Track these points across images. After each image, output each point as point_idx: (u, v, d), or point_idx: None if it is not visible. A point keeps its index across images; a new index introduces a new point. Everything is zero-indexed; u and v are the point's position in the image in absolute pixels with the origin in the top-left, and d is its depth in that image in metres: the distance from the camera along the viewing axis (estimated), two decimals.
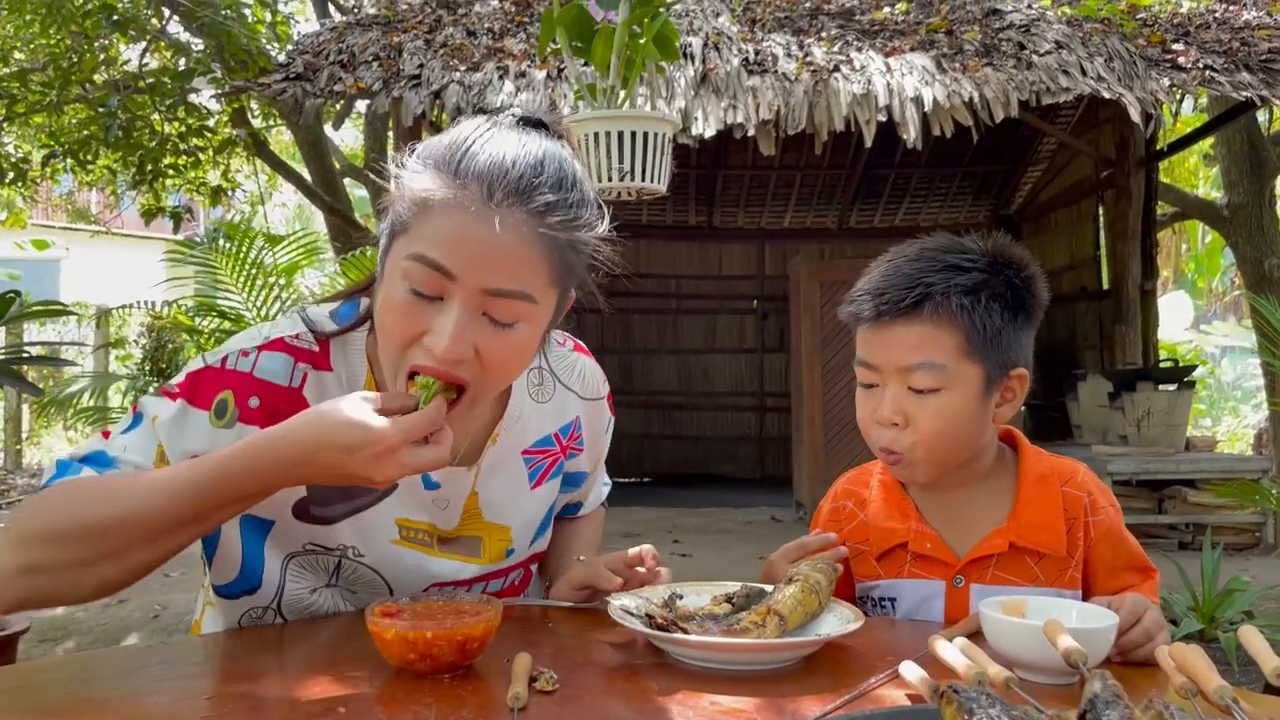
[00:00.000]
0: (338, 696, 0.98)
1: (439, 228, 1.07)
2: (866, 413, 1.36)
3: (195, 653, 1.16)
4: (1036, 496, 1.36)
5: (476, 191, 1.06)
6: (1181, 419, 6.15)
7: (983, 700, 0.77)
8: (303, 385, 1.21)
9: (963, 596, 1.34)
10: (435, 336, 1.08)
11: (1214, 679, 0.89)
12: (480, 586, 1.35)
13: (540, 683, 1.00)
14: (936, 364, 1.29)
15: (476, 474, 1.31)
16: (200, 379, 1.20)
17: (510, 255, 1.08)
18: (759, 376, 9.70)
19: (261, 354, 1.21)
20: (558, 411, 1.40)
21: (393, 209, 1.12)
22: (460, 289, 1.07)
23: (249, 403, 1.19)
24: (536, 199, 1.08)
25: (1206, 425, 11.26)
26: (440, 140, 1.13)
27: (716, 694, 1.00)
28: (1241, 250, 7.64)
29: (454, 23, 5.67)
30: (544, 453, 1.38)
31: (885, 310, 1.31)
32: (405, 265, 1.08)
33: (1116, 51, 5.13)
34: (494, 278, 1.08)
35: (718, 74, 5.08)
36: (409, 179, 1.10)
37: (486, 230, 1.06)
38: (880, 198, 9.47)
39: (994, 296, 1.31)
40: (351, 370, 1.24)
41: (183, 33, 7.96)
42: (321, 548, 1.26)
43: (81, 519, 1.07)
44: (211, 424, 1.18)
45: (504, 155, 1.09)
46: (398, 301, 1.09)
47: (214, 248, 4.93)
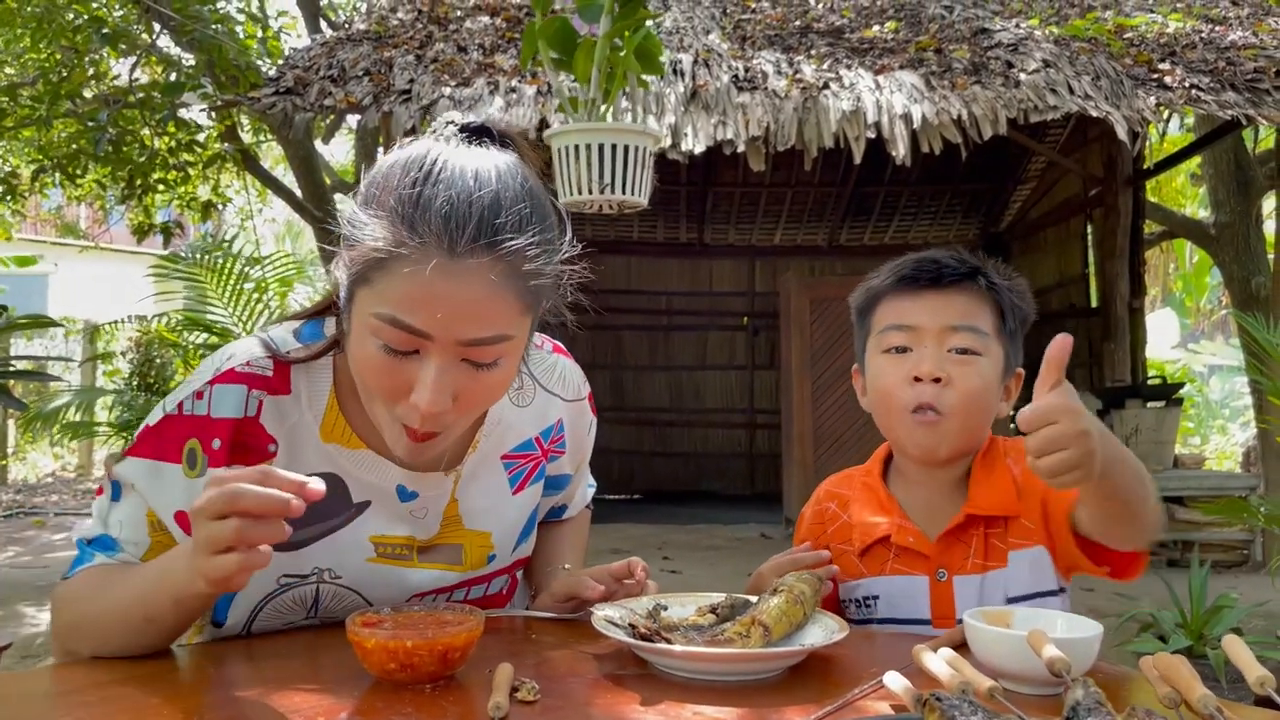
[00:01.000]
0: (317, 707, 0.97)
1: (403, 288, 1.03)
2: (899, 375, 1.37)
3: (173, 664, 1.15)
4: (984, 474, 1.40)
5: (437, 246, 1.02)
6: (1169, 436, 6.17)
7: (965, 708, 0.77)
8: (259, 414, 1.19)
9: (946, 590, 1.35)
10: (418, 393, 1.06)
11: (1197, 688, 0.88)
12: (463, 593, 1.33)
13: (522, 693, 0.99)
14: (981, 329, 1.37)
15: (456, 480, 1.30)
16: (164, 431, 1.18)
17: (480, 305, 1.05)
18: (749, 393, 9.70)
19: (214, 389, 1.18)
20: (539, 415, 1.38)
21: (348, 256, 1.08)
22: (435, 345, 1.05)
23: (213, 445, 1.17)
24: (500, 244, 1.04)
25: (1195, 443, 11.30)
26: (388, 180, 1.08)
27: (699, 704, 0.99)
28: (1229, 269, 7.68)
29: (445, 38, 5.69)
30: (525, 457, 1.36)
31: (944, 273, 1.38)
32: (374, 324, 1.05)
33: (1103, 70, 5.16)
34: (468, 329, 1.05)
35: (708, 90, 5.10)
36: (363, 230, 1.06)
37: (452, 285, 1.03)
38: (871, 215, 9.50)
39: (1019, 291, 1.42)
40: (314, 389, 1.22)
41: (173, 47, 7.97)
42: (297, 577, 1.23)
43: (88, 617, 1.14)
44: (186, 475, 1.16)
45: (458, 199, 1.04)
46: (372, 358, 1.07)
47: (198, 262, 4.92)
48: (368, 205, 1.08)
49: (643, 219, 9.33)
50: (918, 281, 1.39)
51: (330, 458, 1.22)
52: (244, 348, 1.23)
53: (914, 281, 1.40)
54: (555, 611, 1.33)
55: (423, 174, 1.06)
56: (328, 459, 1.22)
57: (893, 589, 1.39)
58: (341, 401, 1.22)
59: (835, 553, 1.43)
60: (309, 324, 1.26)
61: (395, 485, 1.25)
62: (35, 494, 10.08)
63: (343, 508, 1.24)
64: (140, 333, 6.74)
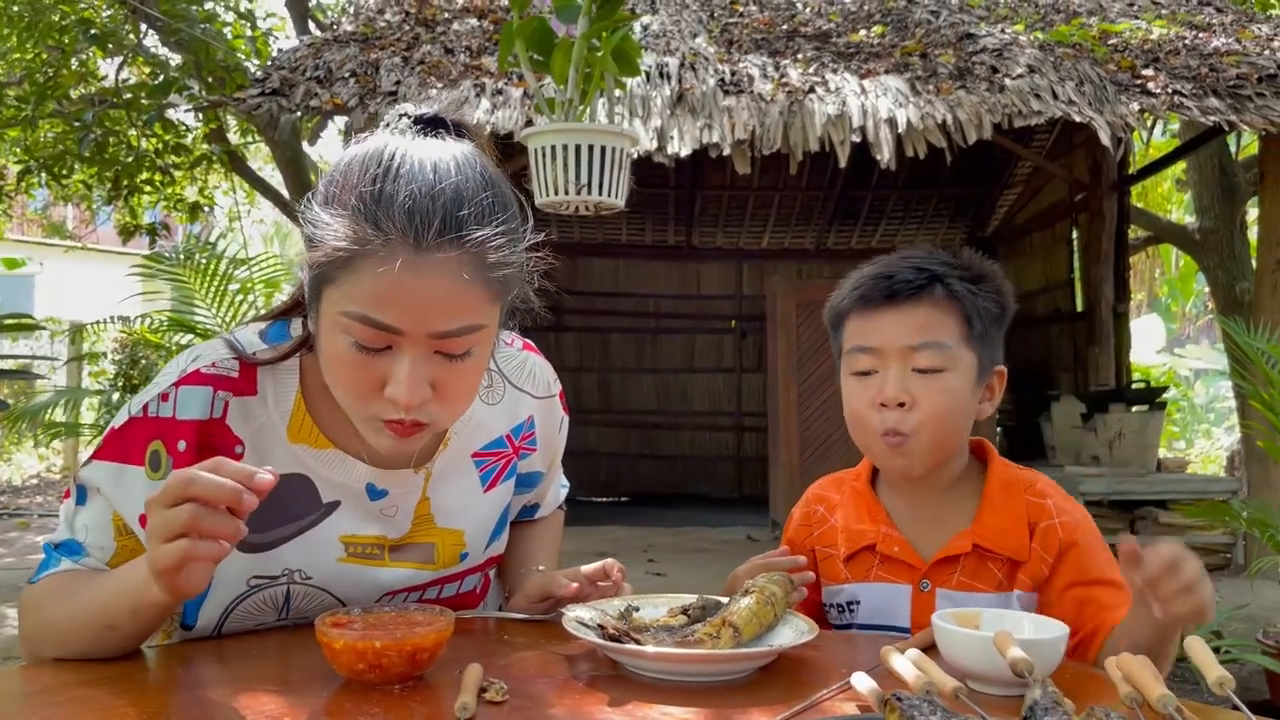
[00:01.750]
0: (284, 707, 0.97)
1: (371, 285, 1.03)
2: (865, 400, 1.36)
3: (142, 664, 1.15)
4: (1001, 502, 1.37)
5: (401, 242, 1.02)
6: (1153, 440, 6.20)
7: (924, 708, 0.78)
8: (225, 415, 1.19)
9: (929, 601, 1.34)
10: (394, 388, 1.07)
11: (1157, 688, 0.89)
12: (435, 591, 1.32)
13: (490, 693, 1.00)
14: (943, 344, 1.33)
15: (427, 478, 1.29)
16: (128, 434, 1.17)
17: (449, 298, 1.05)
18: (737, 396, 9.71)
19: (179, 391, 1.18)
20: (509, 412, 1.38)
21: (312, 256, 1.07)
22: (408, 339, 1.06)
23: (178, 447, 1.16)
24: (466, 236, 1.05)
25: (1180, 447, 11.35)
26: (347, 178, 1.07)
27: (667, 705, 0.99)
28: (1213, 274, 7.73)
29: (432, 40, 5.69)
30: (496, 455, 1.36)
31: (899, 289, 1.35)
32: (344, 322, 1.05)
33: (1087, 76, 5.19)
34: (439, 322, 1.05)
35: (694, 94, 5.11)
36: (325, 229, 1.05)
37: (420, 280, 1.03)
38: (858, 219, 9.53)
39: (988, 290, 1.38)
40: (280, 389, 1.22)
41: (161, 48, 7.94)
42: (267, 578, 1.23)
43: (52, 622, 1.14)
44: (149, 478, 1.16)
45: (420, 192, 1.04)
46: (343, 356, 1.07)
47: (183, 263, 4.91)
48: (328, 204, 1.07)
49: (630, 222, 9.34)
50: (873, 300, 1.36)
51: (298, 458, 1.22)
52: (209, 349, 1.23)
53: (870, 301, 1.37)
54: (528, 612, 1.33)
55: (381, 169, 1.06)
56: (295, 460, 1.22)
57: (875, 596, 1.39)
58: (308, 402, 1.22)
59: (820, 556, 1.44)
60: (275, 325, 1.26)
61: (365, 484, 1.25)
62: (20, 495, 10.03)
63: (312, 508, 1.23)
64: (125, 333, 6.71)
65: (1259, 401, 4.21)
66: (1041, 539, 1.34)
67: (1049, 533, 1.34)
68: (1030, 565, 1.34)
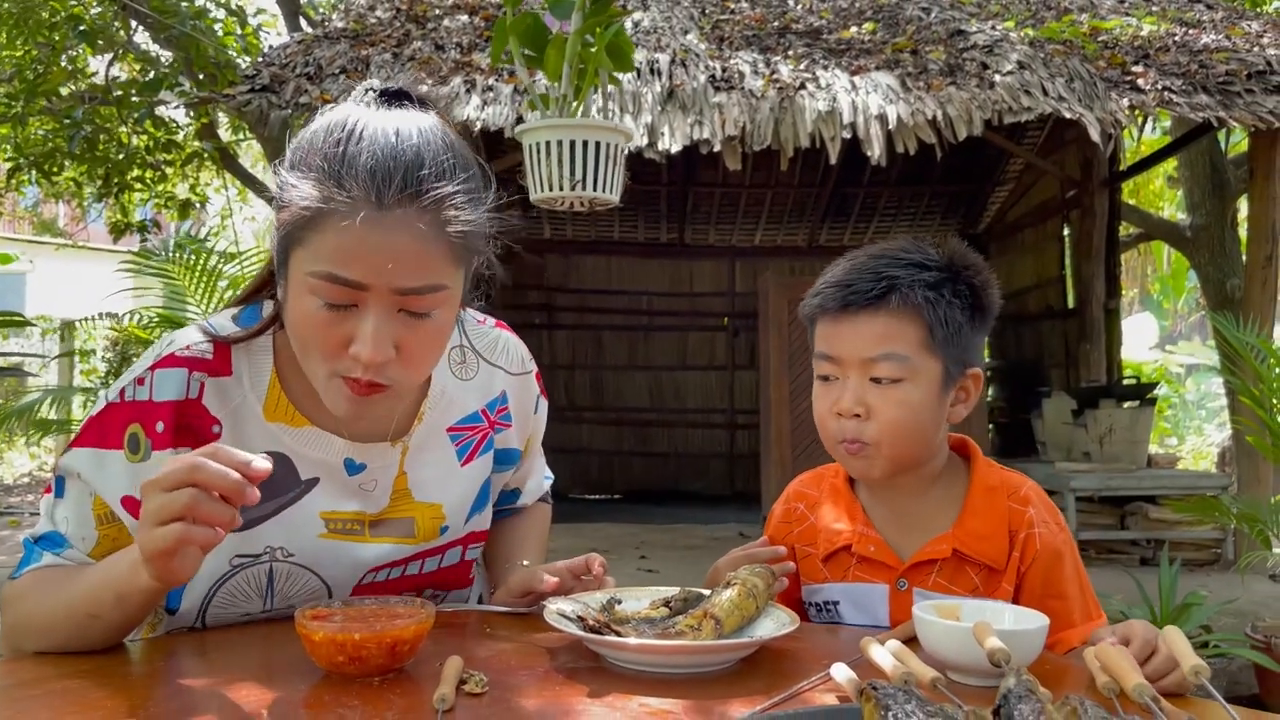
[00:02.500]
0: (264, 699, 0.97)
1: (336, 242, 1.06)
2: (825, 406, 1.35)
3: (122, 658, 1.14)
4: (983, 506, 1.36)
5: (364, 199, 1.06)
6: (1143, 436, 6.21)
7: (899, 697, 0.78)
8: (201, 395, 1.20)
9: (906, 600, 1.33)
10: (358, 345, 1.09)
11: (1133, 678, 0.89)
12: (417, 565, 1.33)
13: (469, 685, 1.00)
14: (900, 355, 1.30)
15: (404, 453, 1.30)
16: (105, 419, 1.19)
17: (412, 254, 1.08)
18: (729, 393, 9.71)
19: (155, 374, 1.20)
20: (483, 388, 1.40)
21: (280, 219, 1.11)
22: (372, 295, 1.08)
23: (156, 429, 1.18)
24: (425, 194, 1.08)
25: (1172, 444, 11.38)
26: (313, 143, 1.11)
27: (647, 696, 0.99)
28: (1204, 271, 7.75)
29: (422, 37, 5.68)
30: (471, 429, 1.38)
31: (852, 300, 1.32)
32: (311, 282, 1.08)
33: (1077, 72, 5.20)
34: (402, 278, 1.08)
35: (684, 90, 5.11)
36: (292, 191, 1.08)
37: (383, 236, 1.06)
38: (850, 216, 9.53)
39: (955, 294, 1.33)
40: (255, 370, 1.24)
41: (152, 45, 7.92)
42: (249, 556, 1.23)
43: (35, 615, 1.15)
44: (128, 460, 1.18)
45: (381, 154, 1.07)
46: (311, 316, 1.09)
47: (172, 259, 4.90)
48: (294, 168, 1.11)
49: (623, 219, 9.34)
50: (830, 310, 1.34)
51: (275, 437, 1.23)
52: (183, 335, 1.25)
53: (828, 310, 1.35)
54: (511, 606, 1.33)
55: (345, 133, 1.10)
56: (272, 438, 1.23)
57: (854, 595, 1.38)
58: (283, 380, 1.24)
59: (800, 555, 1.43)
60: (247, 310, 1.28)
61: (343, 459, 1.26)
62: (11, 494, 10.01)
63: (291, 485, 1.24)
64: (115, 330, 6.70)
65: (1249, 397, 4.22)
66: (1020, 548, 1.33)
67: (1027, 542, 1.33)
68: (1009, 574, 1.33)
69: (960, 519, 1.35)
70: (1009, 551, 1.34)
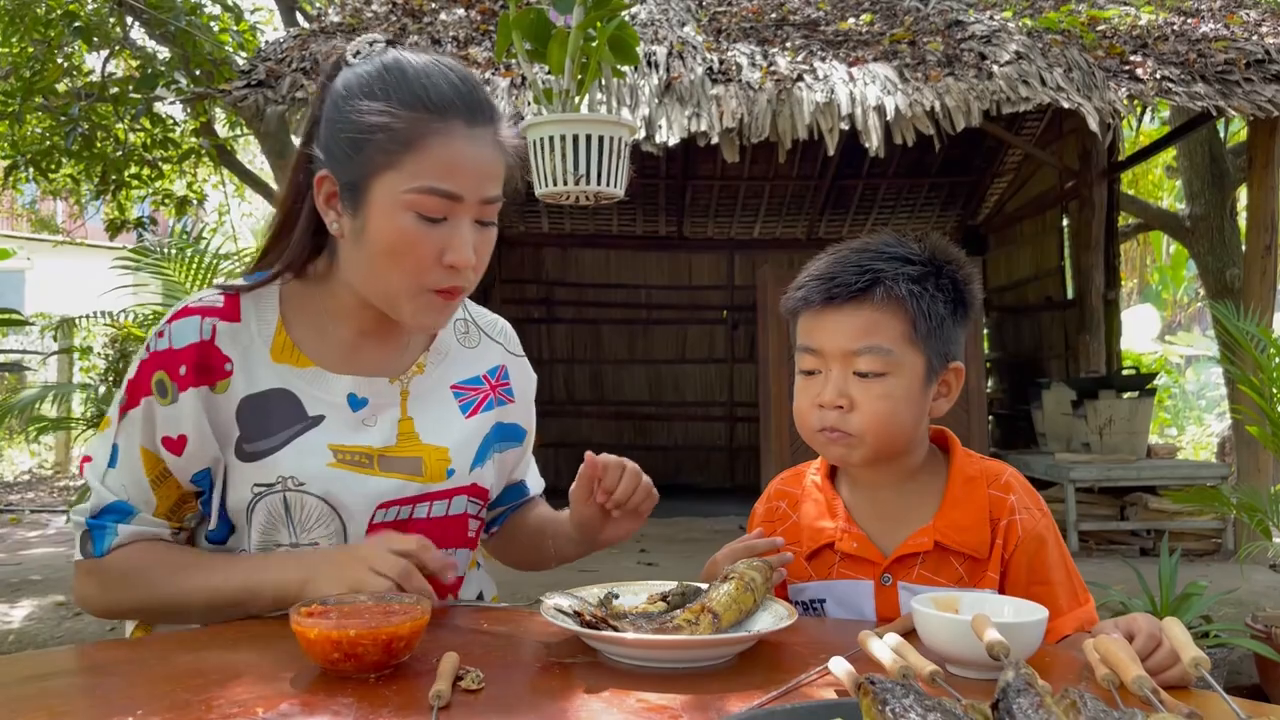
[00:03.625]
0: (258, 697, 0.96)
1: (436, 158, 1.22)
2: (808, 399, 1.35)
3: (116, 655, 1.14)
4: (963, 497, 1.35)
5: (457, 118, 1.23)
6: (1143, 426, 6.21)
7: (897, 691, 0.77)
8: (213, 337, 1.31)
9: (892, 594, 1.33)
10: (456, 253, 1.24)
11: (1133, 670, 0.89)
12: (425, 508, 1.37)
13: (466, 681, 0.99)
14: (883, 348, 1.30)
15: (404, 397, 1.38)
16: (138, 376, 1.31)
17: (493, 165, 1.26)
18: (729, 386, 9.70)
19: (172, 326, 1.31)
20: (484, 356, 1.50)
21: (361, 157, 1.23)
22: (464, 206, 1.24)
23: (179, 372, 1.28)
24: (497, 112, 1.28)
25: (1172, 434, 11.38)
26: (373, 84, 1.25)
27: (644, 691, 0.99)
28: (1204, 261, 7.74)
29: (419, 30, 5.66)
30: (474, 389, 1.47)
31: (837, 293, 1.32)
32: (409, 198, 1.21)
33: (1076, 62, 5.18)
34: (487, 188, 1.25)
35: (682, 82, 5.10)
36: (378, 122, 1.22)
37: (475, 150, 1.24)
38: (849, 208, 9.51)
39: (938, 288, 1.33)
40: (262, 316, 1.34)
41: (148, 42, 7.89)
42: (265, 485, 1.29)
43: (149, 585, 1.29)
44: (160, 404, 1.29)
45: (455, 81, 1.25)
46: (409, 231, 1.23)
47: (168, 256, 4.88)
48: (371, 101, 1.23)
49: (622, 212, 9.32)
50: (813, 302, 1.34)
51: (281, 376, 1.33)
52: (198, 293, 1.38)
53: (811, 302, 1.34)
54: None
55: (403, 71, 1.26)
56: (279, 376, 1.33)
57: (839, 592, 1.37)
58: (288, 325, 1.35)
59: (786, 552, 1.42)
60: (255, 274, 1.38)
61: (346, 395, 1.34)
62: (11, 491, 10.00)
63: (299, 418, 1.32)
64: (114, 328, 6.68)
65: (1248, 386, 4.21)
66: (1002, 536, 1.33)
67: (1009, 529, 1.33)
68: (992, 563, 1.32)
69: (941, 511, 1.35)
70: (991, 540, 1.33)
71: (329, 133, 1.27)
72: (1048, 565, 1.33)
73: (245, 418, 1.30)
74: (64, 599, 4.92)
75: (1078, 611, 1.31)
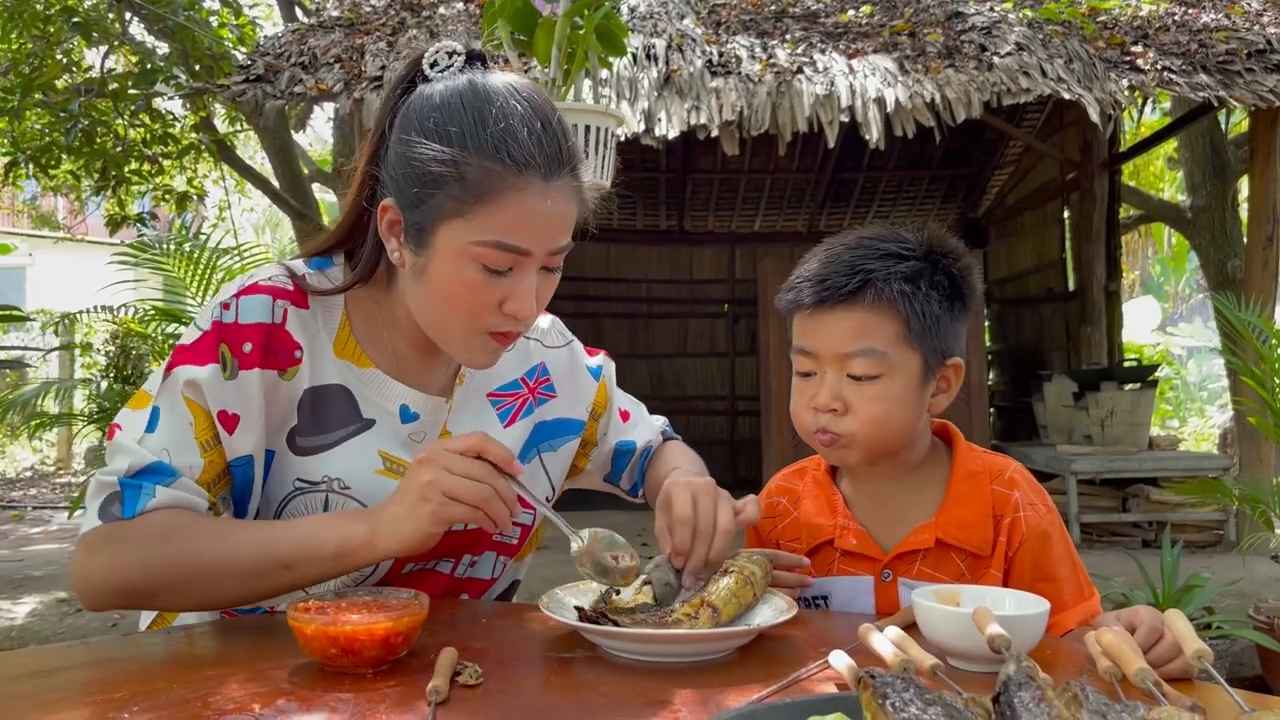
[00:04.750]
0: (255, 693, 0.96)
1: (508, 214, 1.15)
2: (803, 401, 1.33)
3: (114, 652, 1.13)
4: (966, 493, 1.34)
5: (534, 174, 1.15)
6: (1144, 418, 6.20)
7: (897, 685, 0.76)
8: (284, 321, 1.26)
9: (891, 590, 1.32)
10: (518, 304, 1.19)
11: (1135, 663, 0.88)
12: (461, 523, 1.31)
13: (463, 677, 0.99)
14: (876, 350, 1.28)
15: (449, 410, 1.35)
16: (199, 344, 1.23)
17: (566, 219, 1.20)
18: (730, 380, 9.70)
19: (240, 300, 1.25)
20: (521, 358, 1.46)
21: (431, 198, 1.16)
22: (531, 260, 1.19)
23: (243, 349, 1.23)
24: (578, 163, 1.21)
25: (1174, 426, 11.36)
26: (450, 120, 1.16)
27: (644, 686, 0.98)
28: (1205, 252, 7.72)
29: (417, 25, 5.64)
30: (511, 395, 1.44)
31: (826, 296, 1.29)
32: (476, 250, 1.16)
33: (1076, 53, 5.16)
34: (557, 240, 1.20)
35: (681, 75, 5.08)
36: (450, 170, 1.14)
37: (549, 207, 1.17)
38: (849, 201, 9.50)
39: (932, 284, 1.30)
40: (329, 311, 1.30)
41: (147, 37, 7.88)
42: (308, 483, 1.27)
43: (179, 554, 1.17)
44: (222, 377, 1.22)
45: (538, 128, 1.16)
46: (471, 280, 1.17)
47: (167, 252, 4.87)
48: (445, 145, 1.15)
49: (622, 206, 9.28)
50: (805, 305, 1.32)
51: (342, 372, 1.30)
52: (265, 270, 1.31)
53: (802, 305, 1.32)
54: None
55: (486, 107, 1.17)
56: (340, 373, 1.30)
57: (839, 589, 1.37)
58: (352, 322, 1.31)
59: (785, 550, 1.41)
60: (316, 259, 1.34)
61: (399, 406, 1.32)
62: (14, 488, 10.01)
63: (352, 419, 1.29)
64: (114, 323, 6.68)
65: (1250, 377, 4.21)
66: (1006, 533, 1.32)
67: (1013, 526, 1.31)
68: (995, 559, 1.31)
69: (943, 507, 1.34)
70: (995, 537, 1.32)
71: (397, 165, 1.19)
72: (1053, 561, 1.31)
73: (305, 409, 1.26)
74: (66, 595, 4.92)
75: (1082, 606, 1.31)
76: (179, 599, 1.22)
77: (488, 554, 1.40)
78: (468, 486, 1.11)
